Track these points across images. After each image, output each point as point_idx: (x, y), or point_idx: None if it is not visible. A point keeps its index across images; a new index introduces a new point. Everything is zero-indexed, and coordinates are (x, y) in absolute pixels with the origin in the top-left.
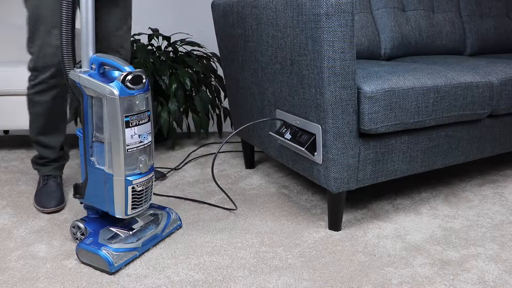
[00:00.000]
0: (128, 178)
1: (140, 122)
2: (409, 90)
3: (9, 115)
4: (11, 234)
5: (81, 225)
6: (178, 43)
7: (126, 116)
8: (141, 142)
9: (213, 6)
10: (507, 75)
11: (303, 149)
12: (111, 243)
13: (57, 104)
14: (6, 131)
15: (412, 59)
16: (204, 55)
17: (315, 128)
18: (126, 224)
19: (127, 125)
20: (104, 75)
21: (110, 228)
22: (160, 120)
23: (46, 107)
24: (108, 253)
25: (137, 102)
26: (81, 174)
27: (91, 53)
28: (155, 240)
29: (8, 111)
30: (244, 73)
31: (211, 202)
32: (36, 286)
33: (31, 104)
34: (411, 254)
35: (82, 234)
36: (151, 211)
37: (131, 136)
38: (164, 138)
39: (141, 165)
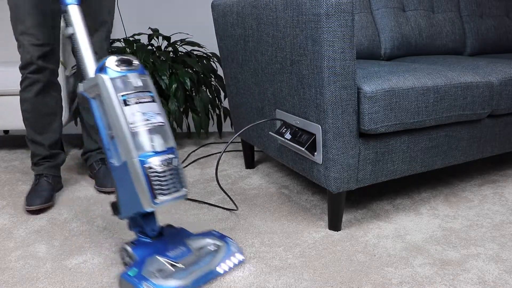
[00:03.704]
0: (141, 158)
1: (141, 100)
2: (409, 90)
3: (9, 115)
4: (11, 234)
5: (129, 250)
6: (178, 43)
7: (122, 95)
8: (147, 120)
9: (213, 6)
10: (507, 75)
11: (303, 149)
12: (155, 277)
13: (42, 101)
14: (6, 131)
15: (412, 59)
16: (204, 55)
17: (315, 128)
18: (177, 253)
19: (125, 103)
20: None
21: (158, 258)
22: None
23: (31, 103)
24: None
25: (130, 80)
26: None
27: (93, 66)
28: (209, 277)
29: (8, 111)
30: (244, 73)
31: (211, 202)
32: (36, 286)
33: (21, 102)
34: (411, 254)
35: (130, 258)
36: (208, 239)
37: (132, 114)
38: None
39: (154, 144)
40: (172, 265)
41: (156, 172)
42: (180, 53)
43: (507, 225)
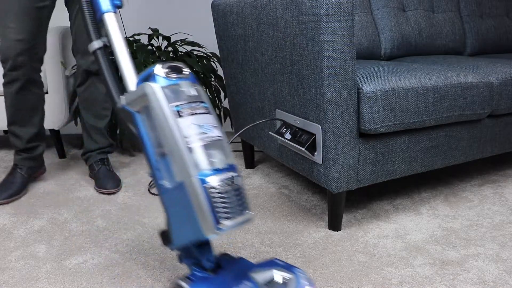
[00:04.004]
0: (200, 177)
1: (195, 112)
2: (409, 90)
3: None
4: (11, 234)
5: (186, 287)
6: (178, 43)
7: (175, 106)
8: (204, 133)
9: (213, 6)
10: (507, 75)
11: (303, 149)
12: None
13: (22, 98)
14: (6, 131)
15: (412, 59)
16: (204, 55)
17: (315, 128)
18: None
19: (179, 115)
20: None
21: None
22: None
23: (11, 99)
24: None
25: (183, 89)
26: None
27: (134, 78)
28: None
29: None
30: (244, 73)
31: None
32: (36, 286)
33: (3, 95)
34: (411, 254)
35: None
36: (274, 271)
37: (187, 126)
38: None
39: (214, 160)
40: None
41: (220, 193)
42: (180, 53)
43: (507, 225)
